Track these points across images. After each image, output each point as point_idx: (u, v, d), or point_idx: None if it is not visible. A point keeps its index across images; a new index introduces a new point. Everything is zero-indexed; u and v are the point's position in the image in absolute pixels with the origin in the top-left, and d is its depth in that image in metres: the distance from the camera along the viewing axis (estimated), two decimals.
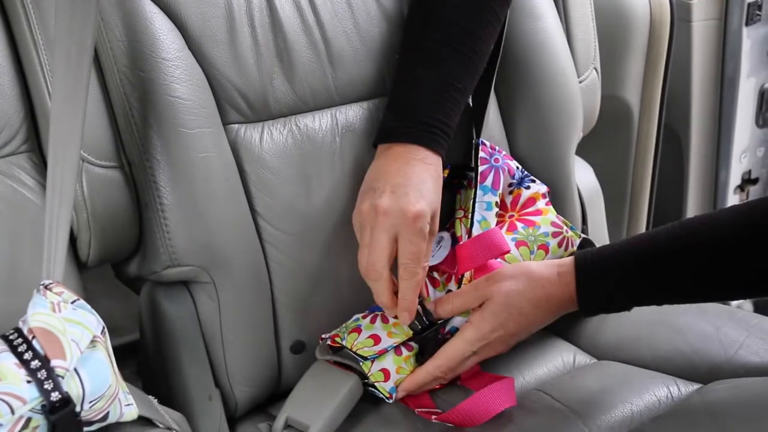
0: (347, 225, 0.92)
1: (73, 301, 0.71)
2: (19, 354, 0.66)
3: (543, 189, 1.02)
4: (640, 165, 1.43)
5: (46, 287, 0.72)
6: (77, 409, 0.68)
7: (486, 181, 0.98)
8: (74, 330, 0.69)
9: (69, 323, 0.69)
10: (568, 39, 1.12)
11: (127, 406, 0.73)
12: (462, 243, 0.94)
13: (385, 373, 0.89)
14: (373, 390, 0.90)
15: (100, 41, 0.85)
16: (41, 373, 0.65)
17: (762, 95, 1.52)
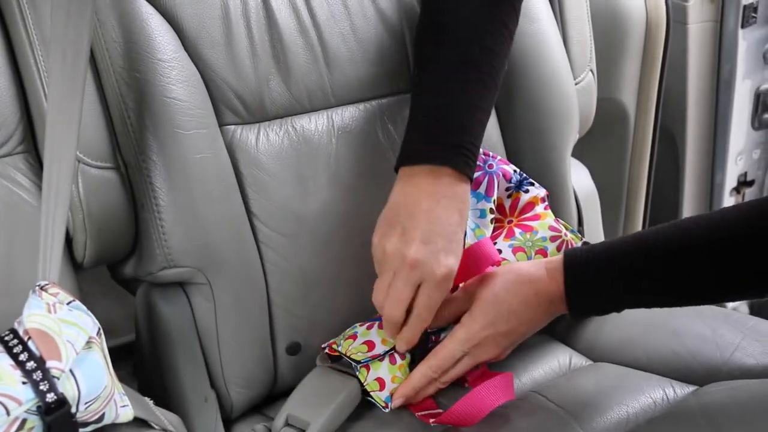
0: (343, 226, 0.92)
1: (69, 302, 0.71)
2: (15, 355, 0.66)
3: (542, 192, 1.01)
4: (636, 167, 1.43)
5: (42, 288, 0.72)
6: (73, 411, 0.67)
7: (479, 188, 0.98)
8: (70, 331, 0.68)
9: (65, 324, 0.69)
10: (564, 41, 1.12)
11: (123, 408, 0.73)
12: None
13: (380, 383, 0.89)
14: (370, 398, 0.90)
15: (96, 42, 0.85)
16: (37, 374, 0.65)
17: (758, 97, 1.52)
